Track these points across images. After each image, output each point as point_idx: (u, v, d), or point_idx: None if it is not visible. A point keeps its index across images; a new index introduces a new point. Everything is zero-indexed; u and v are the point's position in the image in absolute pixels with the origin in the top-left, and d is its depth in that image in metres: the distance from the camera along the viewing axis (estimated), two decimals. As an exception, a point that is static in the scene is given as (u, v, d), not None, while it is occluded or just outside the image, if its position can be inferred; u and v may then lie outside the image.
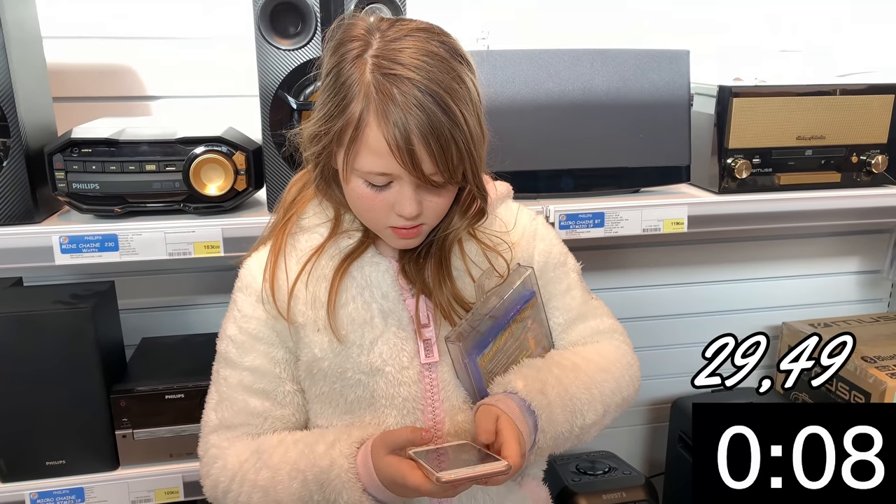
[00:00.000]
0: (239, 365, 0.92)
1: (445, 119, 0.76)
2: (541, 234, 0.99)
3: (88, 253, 1.13)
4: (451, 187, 0.83)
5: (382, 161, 0.78)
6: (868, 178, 1.43)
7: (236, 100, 1.40)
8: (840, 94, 1.38)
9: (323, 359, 0.89)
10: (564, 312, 1.00)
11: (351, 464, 0.83)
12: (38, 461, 1.21)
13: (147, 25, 1.42)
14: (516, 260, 0.95)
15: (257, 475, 0.88)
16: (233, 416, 0.92)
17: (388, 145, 0.76)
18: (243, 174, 1.17)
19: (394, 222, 0.84)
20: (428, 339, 0.90)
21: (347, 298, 0.89)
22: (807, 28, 1.70)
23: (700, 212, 1.33)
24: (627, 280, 1.76)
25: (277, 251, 0.91)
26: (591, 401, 0.92)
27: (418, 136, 0.76)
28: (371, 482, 0.82)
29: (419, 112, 0.75)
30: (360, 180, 0.82)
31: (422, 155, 0.77)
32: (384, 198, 0.82)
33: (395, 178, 0.80)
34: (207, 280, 1.53)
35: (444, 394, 0.91)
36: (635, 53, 1.30)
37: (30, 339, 1.17)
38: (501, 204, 0.98)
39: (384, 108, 0.76)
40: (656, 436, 1.89)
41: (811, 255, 1.85)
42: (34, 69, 1.21)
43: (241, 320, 0.92)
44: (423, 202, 0.82)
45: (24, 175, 1.12)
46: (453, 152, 0.77)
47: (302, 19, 1.15)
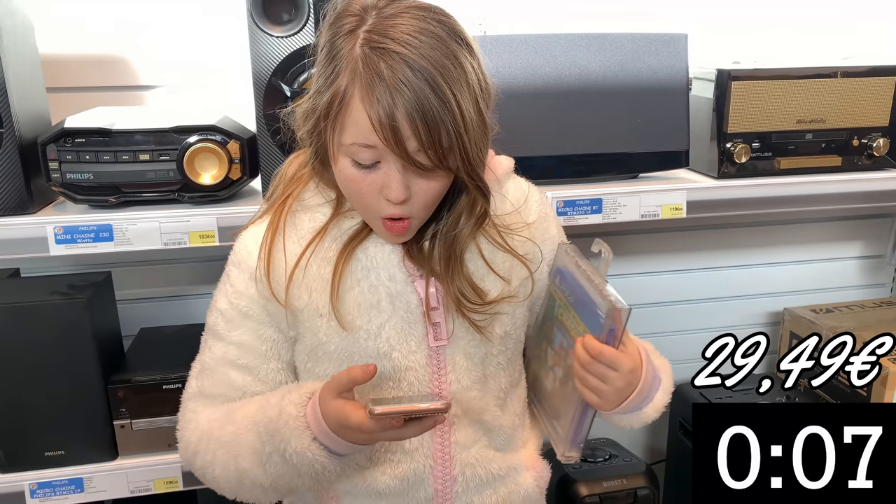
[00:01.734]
0: (226, 338, 0.91)
1: (434, 98, 0.74)
2: (552, 215, 1.00)
3: (83, 243, 1.13)
4: (443, 174, 0.80)
5: (368, 137, 0.76)
6: (869, 161, 1.41)
7: (230, 88, 1.39)
8: (841, 77, 1.36)
9: (328, 342, 0.88)
10: None
11: (299, 412, 0.82)
12: (37, 452, 1.21)
13: (140, 14, 1.41)
14: (534, 240, 0.94)
15: (222, 431, 0.87)
16: (212, 387, 0.92)
17: (370, 120, 0.74)
18: (238, 163, 1.16)
19: (383, 210, 0.82)
20: (437, 322, 0.89)
21: (353, 282, 0.88)
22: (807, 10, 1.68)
23: (699, 197, 1.32)
24: (626, 267, 1.75)
25: (275, 230, 0.88)
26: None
27: (403, 112, 0.74)
28: (320, 430, 0.81)
29: (406, 88, 0.73)
30: (347, 160, 0.80)
31: (406, 132, 0.75)
32: (372, 180, 0.80)
33: (381, 158, 0.78)
34: (204, 269, 1.52)
35: (452, 375, 0.90)
36: (632, 37, 1.29)
37: (27, 330, 1.17)
38: (508, 179, 0.96)
39: (369, 82, 0.74)
40: (657, 423, 1.87)
41: (813, 240, 1.83)
42: (27, 59, 1.20)
43: (232, 296, 0.91)
44: (411, 187, 0.80)
45: (17, 166, 1.12)
46: (441, 134, 0.75)
47: (295, 6, 1.14)
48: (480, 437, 0.94)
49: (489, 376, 0.94)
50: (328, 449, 0.82)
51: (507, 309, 0.92)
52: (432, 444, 0.91)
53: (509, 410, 0.97)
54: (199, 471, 0.91)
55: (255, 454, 0.84)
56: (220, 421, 0.89)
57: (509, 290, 0.91)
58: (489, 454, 0.95)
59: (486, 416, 0.94)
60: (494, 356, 0.93)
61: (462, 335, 0.90)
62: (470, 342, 0.91)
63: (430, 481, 0.92)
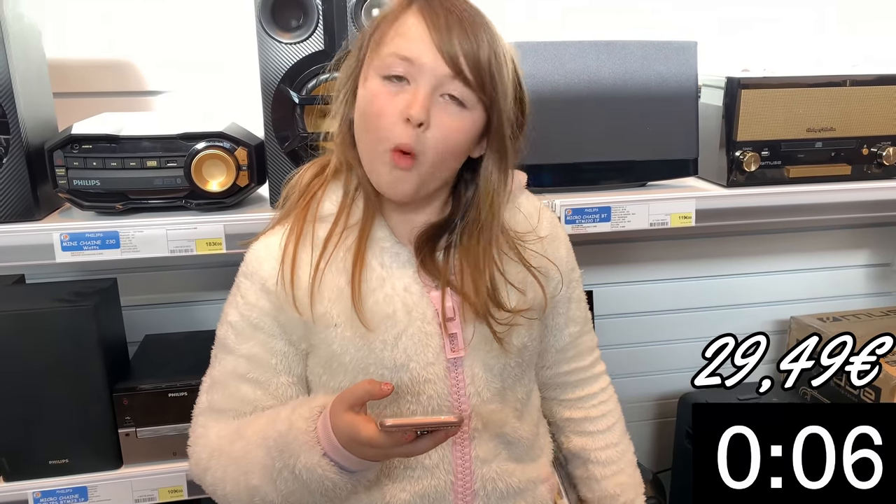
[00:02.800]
0: (235, 351, 0.90)
1: (485, 37, 0.79)
2: (562, 237, 1.00)
3: (89, 250, 1.12)
4: (468, 115, 0.81)
5: (410, 44, 0.79)
6: (879, 170, 1.41)
7: (238, 95, 1.39)
8: (850, 86, 1.36)
9: (343, 353, 0.86)
10: (575, 323, 1.02)
11: (309, 426, 0.79)
12: (40, 460, 1.21)
13: (148, 20, 1.41)
14: (547, 255, 0.94)
15: (232, 447, 0.86)
16: (222, 401, 0.90)
17: (426, 25, 0.78)
18: (245, 170, 1.16)
19: (398, 136, 0.79)
20: (454, 334, 0.87)
21: (367, 291, 0.86)
22: (816, 19, 1.68)
23: (708, 205, 1.31)
24: (635, 274, 1.74)
25: (298, 238, 0.86)
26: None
27: (459, 32, 0.78)
28: (331, 446, 0.78)
29: (458, 18, 0.79)
30: (377, 78, 0.81)
31: (454, 44, 0.78)
32: (395, 100, 0.79)
33: (414, 76, 0.79)
34: (210, 276, 1.52)
35: (471, 388, 0.89)
36: (641, 45, 1.28)
37: (32, 336, 1.16)
38: (522, 194, 0.96)
39: (428, 4, 0.80)
40: (663, 431, 1.88)
41: (820, 248, 1.83)
42: (34, 65, 1.19)
43: (243, 307, 0.89)
44: (432, 118, 0.79)
45: (24, 172, 1.11)
46: (484, 61, 0.79)
47: (304, 12, 1.14)
48: (501, 451, 0.93)
49: (507, 388, 0.93)
50: (339, 465, 0.79)
51: (523, 321, 0.91)
52: (453, 459, 0.90)
53: (527, 421, 0.97)
54: (210, 487, 0.89)
55: (265, 470, 0.82)
56: (230, 437, 0.87)
57: (526, 302, 0.90)
58: (509, 467, 0.94)
59: (505, 429, 0.93)
60: (512, 368, 0.92)
61: (480, 346, 0.89)
62: (488, 353, 0.89)
63: (451, 497, 0.90)
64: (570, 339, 1.02)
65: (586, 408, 1.06)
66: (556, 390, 1.07)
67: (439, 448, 0.88)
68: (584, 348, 1.05)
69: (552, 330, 1.01)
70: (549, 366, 1.04)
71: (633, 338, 1.75)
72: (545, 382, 1.06)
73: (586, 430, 1.06)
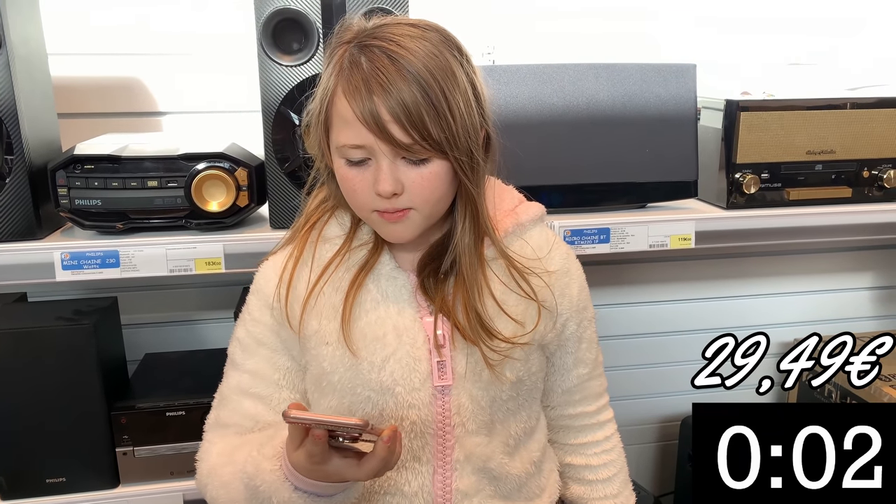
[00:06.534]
0: (241, 367, 0.92)
1: (412, 83, 0.75)
2: (576, 274, 0.96)
3: (89, 269, 1.13)
4: (436, 162, 0.79)
5: (353, 131, 0.78)
6: (880, 192, 1.40)
7: (239, 116, 1.40)
8: (850, 108, 1.36)
9: (333, 372, 0.87)
10: (585, 365, 0.99)
11: (274, 465, 0.80)
12: (38, 479, 1.20)
13: (151, 42, 1.43)
14: (553, 290, 0.91)
15: (223, 471, 0.87)
16: (228, 416, 0.92)
17: (352, 110, 0.76)
18: (245, 190, 1.17)
19: (377, 205, 0.81)
20: (442, 361, 0.87)
21: (361, 312, 0.87)
22: (816, 40, 1.69)
23: (708, 227, 1.31)
24: (634, 296, 1.74)
25: (297, 259, 0.89)
26: None
27: (382, 97, 0.75)
28: (297, 479, 0.78)
29: (382, 75, 0.75)
30: (341, 160, 0.81)
31: (385, 117, 0.75)
32: (364, 177, 0.80)
33: (371, 154, 0.79)
34: (211, 296, 1.52)
35: (456, 418, 0.88)
36: (640, 67, 1.29)
37: (31, 354, 1.16)
38: (535, 227, 0.94)
39: (349, 75, 0.77)
40: (665, 454, 1.86)
41: (822, 270, 1.82)
42: (39, 86, 1.21)
43: (249, 323, 0.92)
44: (404, 180, 0.79)
45: (26, 192, 1.12)
46: (424, 116, 0.75)
47: (304, 35, 1.15)
48: (485, 486, 0.92)
49: (497, 422, 0.91)
50: (313, 493, 0.80)
51: (519, 355, 0.89)
52: (433, 489, 0.89)
53: (520, 458, 0.94)
54: (210, 502, 0.91)
55: (248, 502, 0.84)
56: (224, 459, 0.88)
57: (523, 333, 0.88)
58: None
59: (491, 464, 0.91)
60: (504, 402, 0.90)
61: (469, 377, 0.87)
62: (476, 384, 0.88)
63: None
64: (578, 381, 0.99)
65: (587, 455, 1.03)
66: (559, 433, 1.04)
67: (420, 476, 0.88)
68: (592, 393, 1.02)
69: (559, 369, 0.98)
70: (553, 406, 1.01)
71: (632, 359, 1.74)
72: (548, 423, 1.03)
73: (585, 478, 1.03)
